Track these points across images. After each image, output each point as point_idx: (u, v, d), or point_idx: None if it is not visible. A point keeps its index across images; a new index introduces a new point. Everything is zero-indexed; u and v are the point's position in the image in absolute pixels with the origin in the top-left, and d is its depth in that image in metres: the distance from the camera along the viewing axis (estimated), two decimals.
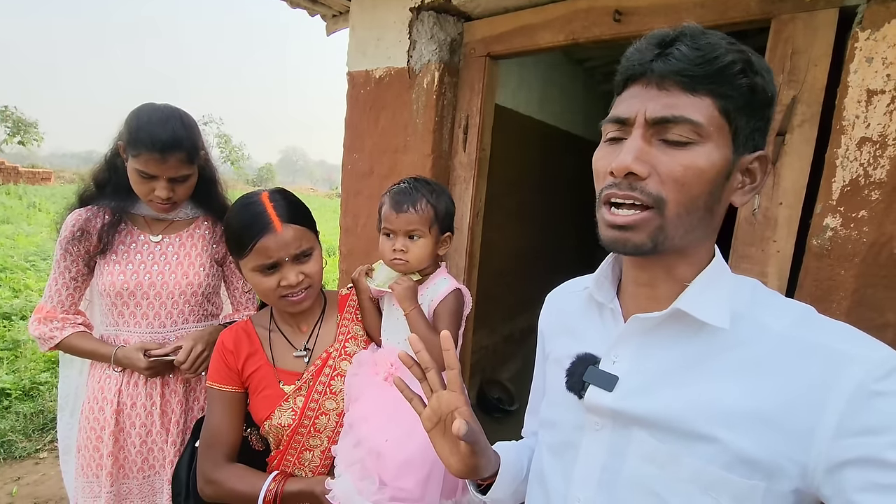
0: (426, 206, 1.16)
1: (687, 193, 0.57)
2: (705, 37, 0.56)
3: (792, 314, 0.60)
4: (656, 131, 0.57)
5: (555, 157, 3.78)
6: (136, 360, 1.34)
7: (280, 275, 1.07)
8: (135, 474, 1.41)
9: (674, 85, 0.56)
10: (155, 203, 1.37)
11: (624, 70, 0.61)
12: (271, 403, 1.10)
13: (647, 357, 0.65)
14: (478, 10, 1.77)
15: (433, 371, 0.75)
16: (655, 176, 0.57)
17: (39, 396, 3.40)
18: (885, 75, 1.03)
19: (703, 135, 0.56)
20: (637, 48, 0.60)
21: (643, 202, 0.57)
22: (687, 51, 0.55)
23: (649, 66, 0.57)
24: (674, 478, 0.59)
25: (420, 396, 0.77)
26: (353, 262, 2.20)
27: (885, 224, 1.04)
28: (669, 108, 0.56)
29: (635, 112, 0.58)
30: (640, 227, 0.58)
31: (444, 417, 0.73)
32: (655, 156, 0.57)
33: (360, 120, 2.09)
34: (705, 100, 0.56)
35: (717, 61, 0.55)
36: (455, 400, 0.73)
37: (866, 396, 0.51)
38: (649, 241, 0.58)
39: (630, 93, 0.60)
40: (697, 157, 0.56)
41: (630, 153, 0.57)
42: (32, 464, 2.77)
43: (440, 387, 0.74)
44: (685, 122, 0.56)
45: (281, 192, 1.13)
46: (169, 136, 1.29)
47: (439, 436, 0.74)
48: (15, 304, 4.89)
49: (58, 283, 1.40)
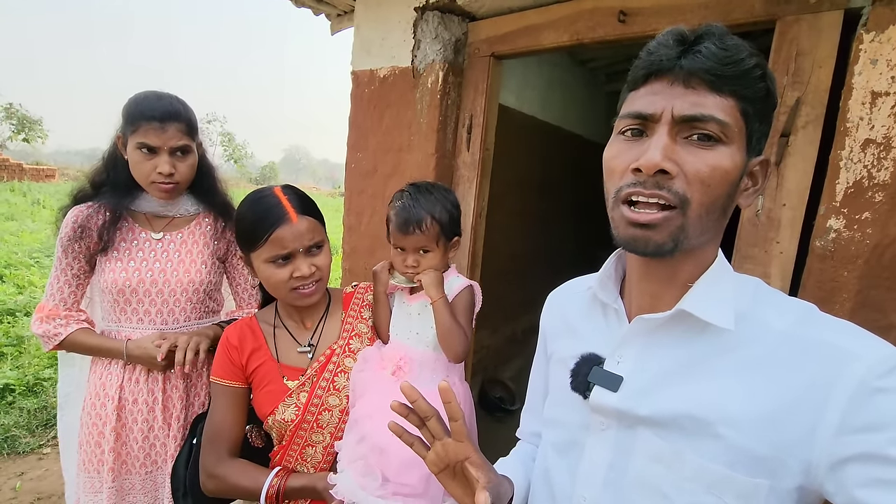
0: (431, 223, 1.17)
1: (711, 194, 0.56)
2: (731, 38, 0.56)
3: (794, 312, 0.60)
4: (682, 129, 0.56)
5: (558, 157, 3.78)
6: (152, 350, 1.34)
7: (293, 266, 1.08)
8: (137, 470, 1.42)
9: (701, 83, 0.55)
10: (157, 185, 1.37)
11: (647, 65, 0.59)
12: (275, 399, 1.11)
13: (651, 357, 0.65)
14: (482, 10, 1.77)
15: (433, 419, 0.71)
16: (682, 175, 0.56)
17: (43, 392, 3.41)
18: (889, 77, 1.03)
19: (728, 135, 0.56)
20: (661, 43, 0.58)
21: (668, 201, 0.56)
22: (716, 49, 0.54)
23: (677, 62, 0.56)
24: (679, 477, 0.59)
25: (420, 438, 0.74)
26: (356, 260, 2.20)
27: (888, 226, 1.04)
28: (698, 107, 0.55)
29: (661, 108, 0.57)
30: (662, 226, 0.57)
31: (453, 465, 0.72)
32: (681, 155, 0.56)
33: (363, 119, 2.10)
34: (730, 101, 0.55)
35: (742, 63, 0.55)
36: (463, 450, 0.70)
37: (868, 393, 0.51)
38: (671, 241, 0.58)
39: (652, 88, 0.58)
40: (723, 158, 0.56)
41: (658, 151, 0.55)
42: (36, 459, 2.78)
43: (443, 434, 0.70)
44: (713, 122, 0.55)
45: (291, 187, 1.16)
46: (166, 107, 1.34)
47: (448, 479, 0.73)
48: (19, 301, 4.91)
49: (59, 282, 1.40)
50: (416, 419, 0.72)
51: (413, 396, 0.70)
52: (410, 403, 0.71)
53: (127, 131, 1.33)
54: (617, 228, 0.61)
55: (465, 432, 0.69)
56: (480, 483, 0.67)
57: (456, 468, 0.72)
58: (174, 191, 1.41)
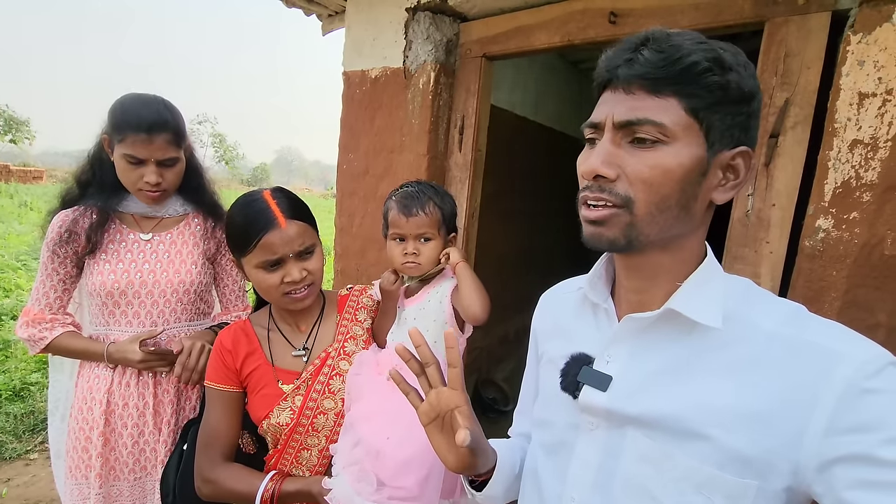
0: (434, 208, 1.18)
1: (656, 193, 0.58)
2: (670, 39, 0.57)
3: (783, 313, 0.60)
4: (624, 134, 0.59)
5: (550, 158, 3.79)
6: (130, 352, 1.32)
7: (283, 271, 1.07)
8: (126, 476, 1.40)
9: (639, 88, 0.58)
10: (144, 192, 1.35)
11: (597, 77, 0.64)
12: (270, 402, 1.10)
13: (640, 357, 0.65)
14: (474, 11, 1.78)
15: (433, 366, 0.74)
16: (624, 177, 0.59)
17: (30, 397, 3.37)
18: (876, 78, 1.04)
19: (668, 135, 0.57)
20: (607, 56, 0.62)
21: (611, 202, 0.60)
22: (650, 55, 0.57)
23: (615, 72, 0.60)
24: (667, 477, 0.59)
25: (417, 390, 0.76)
26: (348, 261, 2.19)
27: (876, 225, 1.05)
28: (634, 111, 0.58)
29: (605, 116, 0.61)
30: (610, 222, 0.60)
31: (443, 414, 0.73)
32: (623, 158, 0.59)
33: (355, 120, 2.09)
34: (670, 100, 0.57)
35: (679, 62, 0.56)
36: (456, 398, 0.72)
37: (856, 394, 0.51)
38: (622, 237, 0.60)
39: (602, 98, 0.63)
40: (664, 158, 0.57)
41: (598, 157, 0.60)
42: (23, 465, 2.74)
43: (440, 383, 0.73)
44: (649, 124, 0.57)
45: (282, 190, 1.14)
46: (154, 116, 1.30)
47: (436, 431, 0.74)
48: (5, 304, 4.84)
49: (45, 286, 1.37)
50: (416, 366, 0.75)
51: (418, 341, 0.73)
52: (415, 348, 0.74)
53: (114, 137, 1.31)
54: (583, 228, 0.65)
55: (460, 381, 0.72)
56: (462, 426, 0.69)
57: (445, 419, 0.73)
58: (161, 197, 1.40)
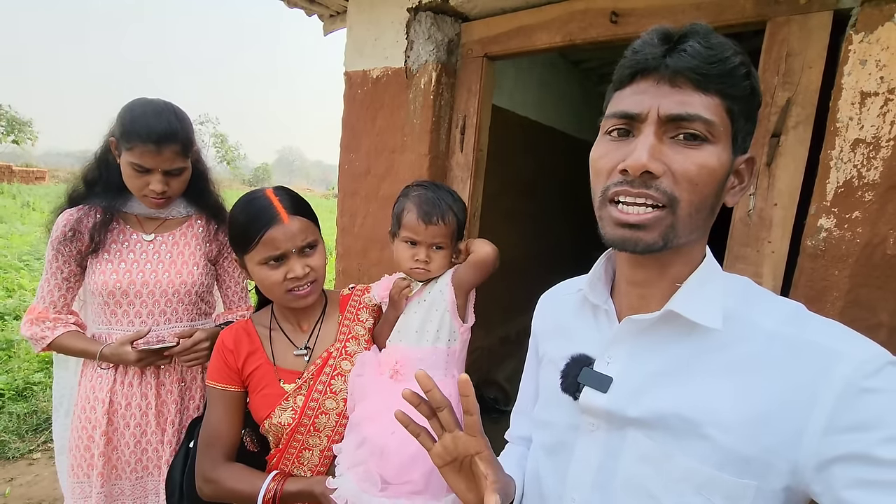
0: (453, 218, 1.16)
1: (699, 193, 0.57)
2: (715, 36, 0.56)
3: (782, 312, 0.60)
4: (668, 129, 0.56)
5: (551, 158, 3.79)
6: (125, 353, 1.32)
7: (286, 267, 1.07)
8: (127, 475, 1.40)
9: (686, 82, 0.55)
10: (149, 198, 1.36)
11: (632, 64, 0.59)
12: (271, 402, 1.10)
13: (640, 358, 0.65)
14: (475, 11, 1.78)
15: (446, 410, 0.69)
16: (669, 174, 0.56)
17: (33, 397, 3.37)
18: (878, 77, 1.04)
19: (714, 134, 0.56)
20: (645, 41, 0.58)
21: (657, 201, 0.56)
22: (700, 48, 0.54)
23: (662, 61, 0.56)
24: (667, 478, 0.59)
25: (427, 430, 0.72)
26: (349, 261, 2.19)
27: (878, 225, 1.05)
28: (684, 106, 0.55)
29: (647, 108, 0.57)
30: (652, 225, 0.57)
31: (460, 459, 0.70)
32: (668, 154, 0.56)
33: (356, 120, 2.09)
34: (715, 99, 0.56)
35: (728, 61, 0.55)
36: (475, 444, 0.68)
37: (855, 393, 0.51)
38: (661, 240, 0.58)
39: (638, 88, 0.59)
40: (710, 157, 0.56)
41: (645, 150, 0.55)
42: (26, 464, 2.75)
43: (455, 426, 0.69)
44: (700, 121, 0.55)
45: (284, 188, 1.15)
46: (164, 127, 1.29)
47: (452, 473, 0.71)
48: (8, 304, 4.86)
49: (50, 284, 1.39)
50: (427, 409, 0.70)
51: (428, 386, 0.68)
52: (424, 393, 0.69)
53: (122, 144, 1.32)
54: (605, 228, 0.61)
55: (479, 427, 0.68)
56: (489, 480, 0.66)
57: (463, 462, 0.71)
58: (165, 204, 1.41)
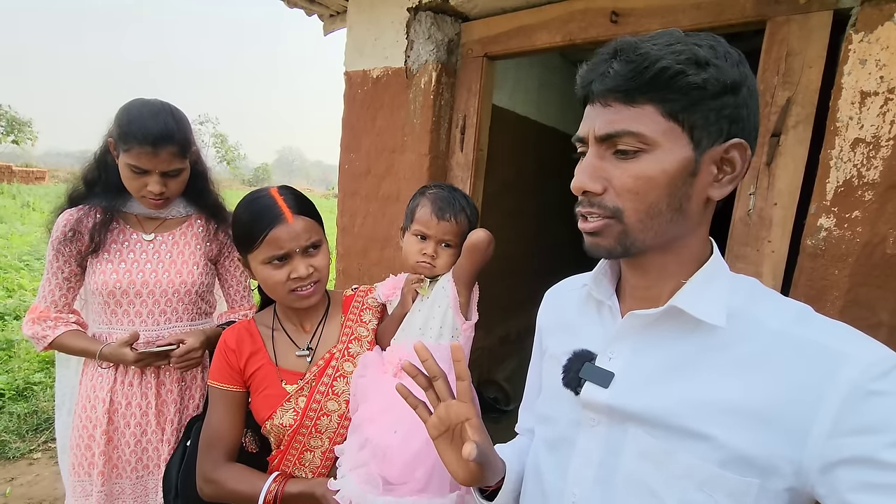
0: (464, 219, 1.18)
1: (644, 201, 0.59)
2: (638, 48, 0.57)
3: (789, 312, 0.60)
4: (607, 146, 0.60)
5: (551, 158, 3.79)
6: (123, 353, 1.32)
7: (290, 267, 1.07)
8: (128, 474, 1.40)
9: (615, 100, 0.59)
10: (147, 199, 1.36)
11: (576, 93, 0.65)
12: (273, 403, 1.10)
13: (643, 354, 0.65)
14: (475, 11, 1.78)
15: (441, 380, 0.73)
16: (612, 189, 0.60)
17: (33, 397, 3.37)
18: (878, 77, 1.04)
19: (648, 143, 0.58)
20: (582, 72, 0.63)
21: (602, 214, 0.62)
22: (619, 66, 0.58)
23: (590, 87, 0.61)
24: (669, 474, 0.59)
25: (425, 403, 0.75)
26: (349, 261, 2.20)
27: (878, 224, 1.05)
28: (612, 124, 0.59)
29: (587, 131, 0.62)
30: (604, 232, 0.62)
31: (453, 427, 0.72)
32: (609, 170, 0.60)
33: (357, 120, 2.09)
34: (646, 108, 0.57)
35: (648, 70, 0.56)
36: (466, 410, 0.71)
37: (862, 396, 0.51)
38: (618, 245, 0.62)
39: (585, 113, 0.64)
40: (647, 166, 0.58)
41: (584, 172, 0.62)
42: (26, 464, 2.75)
43: (448, 396, 0.73)
44: (627, 135, 0.58)
45: (288, 188, 1.15)
46: (161, 129, 1.29)
47: (445, 444, 0.73)
48: (8, 304, 4.85)
49: (51, 284, 1.39)
50: (423, 381, 0.74)
51: (424, 356, 0.72)
52: (421, 363, 0.73)
53: (119, 145, 1.31)
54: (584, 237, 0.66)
55: (470, 394, 0.72)
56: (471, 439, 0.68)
57: (454, 432, 0.73)
58: (164, 204, 1.41)
